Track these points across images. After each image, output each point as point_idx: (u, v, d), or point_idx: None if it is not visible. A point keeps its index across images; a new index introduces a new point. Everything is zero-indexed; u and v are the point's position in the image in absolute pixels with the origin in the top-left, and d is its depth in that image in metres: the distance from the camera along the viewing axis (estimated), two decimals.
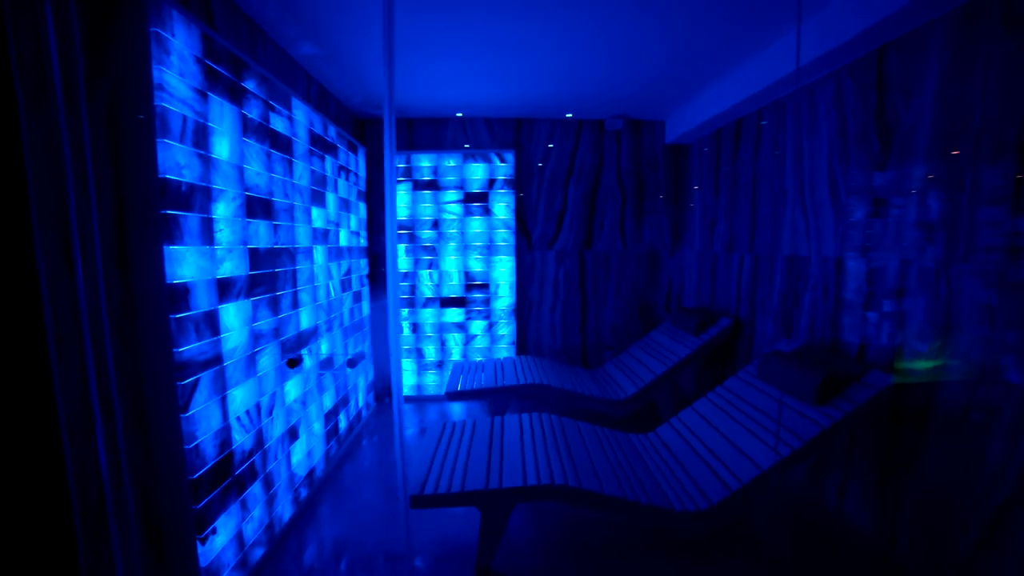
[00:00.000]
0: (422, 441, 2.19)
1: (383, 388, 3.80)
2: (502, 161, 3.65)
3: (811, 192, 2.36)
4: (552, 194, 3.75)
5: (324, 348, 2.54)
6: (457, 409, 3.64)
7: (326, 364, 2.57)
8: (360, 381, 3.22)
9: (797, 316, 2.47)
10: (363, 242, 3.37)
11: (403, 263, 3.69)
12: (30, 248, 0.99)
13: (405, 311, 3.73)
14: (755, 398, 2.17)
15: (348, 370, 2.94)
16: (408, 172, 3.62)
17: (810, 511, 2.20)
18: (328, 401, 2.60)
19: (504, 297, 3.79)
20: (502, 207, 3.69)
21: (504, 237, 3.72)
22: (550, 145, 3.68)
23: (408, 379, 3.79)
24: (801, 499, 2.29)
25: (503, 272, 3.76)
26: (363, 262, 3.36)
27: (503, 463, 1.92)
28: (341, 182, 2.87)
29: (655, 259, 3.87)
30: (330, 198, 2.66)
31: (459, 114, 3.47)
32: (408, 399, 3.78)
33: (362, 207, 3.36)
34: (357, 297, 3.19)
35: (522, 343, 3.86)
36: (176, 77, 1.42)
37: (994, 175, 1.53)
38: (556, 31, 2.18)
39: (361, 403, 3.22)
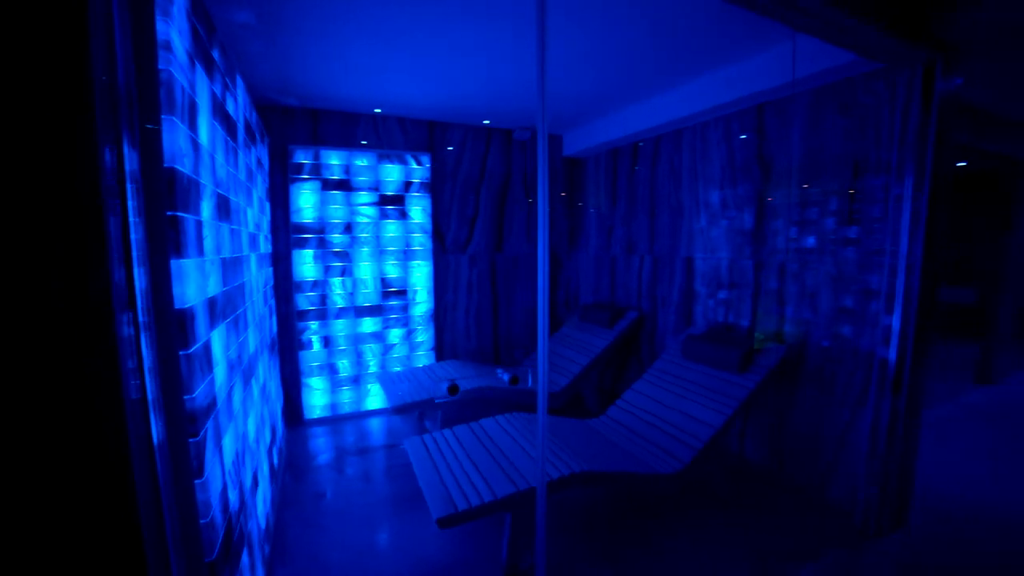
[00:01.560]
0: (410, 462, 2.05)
1: (292, 411, 3.29)
2: (418, 164, 3.53)
3: (705, 207, 2.99)
4: (465, 198, 3.79)
5: (262, 373, 2.13)
6: (376, 425, 3.39)
7: (263, 391, 2.16)
8: (278, 407, 2.75)
9: (695, 307, 3.10)
10: (271, 247, 2.87)
11: (311, 271, 3.25)
12: (105, 263, 0.70)
13: (315, 323, 3.29)
14: (686, 374, 2.66)
15: (272, 398, 2.49)
16: (316, 170, 3.21)
17: (721, 457, 2.80)
18: (268, 435, 2.18)
19: (422, 303, 3.67)
20: (419, 211, 3.57)
21: (421, 241, 3.61)
22: (449, 148, 3.68)
23: (319, 399, 3.36)
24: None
25: (420, 277, 3.64)
26: (271, 271, 2.86)
27: (514, 465, 1.96)
28: (260, 178, 2.41)
29: (555, 261, 4.26)
30: (255, 196, 2.23)
31: (377, 110, 3.23)
32: (321, 420, 3.35)
33: (267, 206, 2.85)
34: (271, 311, 2.72)
35: (440, 348, 3.81)
36: (177, 35, 1.09)
37: (835, 204, 2.26)
38: (477, 36, 2.13)
39: (280, 432, 2.76)
